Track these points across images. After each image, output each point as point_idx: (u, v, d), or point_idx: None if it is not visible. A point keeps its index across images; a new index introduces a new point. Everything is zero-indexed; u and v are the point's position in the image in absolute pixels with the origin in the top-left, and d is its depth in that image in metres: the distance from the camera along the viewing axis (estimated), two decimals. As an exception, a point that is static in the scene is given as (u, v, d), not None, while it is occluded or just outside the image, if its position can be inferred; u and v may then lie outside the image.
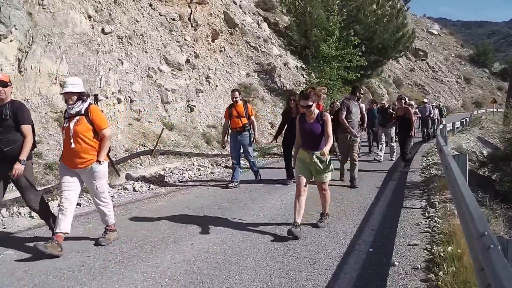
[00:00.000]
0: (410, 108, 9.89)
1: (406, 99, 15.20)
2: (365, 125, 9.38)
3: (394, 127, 11.43)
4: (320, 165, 4.83)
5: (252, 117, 7.85)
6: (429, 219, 5.42)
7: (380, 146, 11.90)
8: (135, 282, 3.51)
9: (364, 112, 10.98)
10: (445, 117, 24.24)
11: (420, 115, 14.79)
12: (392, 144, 11.78)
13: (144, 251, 4.29)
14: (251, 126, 7.82)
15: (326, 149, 4.78)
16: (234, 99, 7.72)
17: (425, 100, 20.08)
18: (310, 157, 4.83)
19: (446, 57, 60.06)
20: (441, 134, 9.83)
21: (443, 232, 4.63)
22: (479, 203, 5.28)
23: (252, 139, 7.88)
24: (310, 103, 4.76)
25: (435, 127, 17.68)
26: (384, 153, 11.72)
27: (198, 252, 4.23)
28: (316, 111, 4.90)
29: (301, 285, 3.44)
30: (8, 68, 8.01)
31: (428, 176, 8.92)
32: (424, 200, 6.59)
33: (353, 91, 8.24)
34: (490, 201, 7.02)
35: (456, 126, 22.60)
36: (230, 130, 7.87)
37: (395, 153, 11.65)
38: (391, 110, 11.75)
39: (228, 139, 7.96)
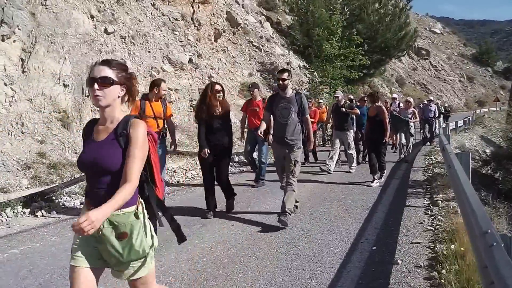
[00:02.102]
0: (383, 107, 8.14)
1: (396, 96, 13.81)
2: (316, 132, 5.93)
3: (353, 131, 9.39)
4: (115, 244, 2.03)
5: (172, 119, 6.01)
6: (432, 217, 5.42)
7: (331, 153, 9.20)
8: (139, 281, 3.53)
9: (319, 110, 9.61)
10: (449, 116, 23.60)
11: (418, 118, 12.79)
12: (350, 151, 9.21)
13: (147, 249, 4.30)
14: (168, 131, 5.86)
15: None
16: (163, 91, 5.63)
17: (431, 98, 17.64)
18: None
19: (448, 56, 59.89)
20: (443, 133, 9.81)
21: (446, 230, 4.64)
22: (482, 201, 5.28)
23: (171, 147, 6.13)
24: (109, 76, 1.93)
25: (433, 128, 16.23)
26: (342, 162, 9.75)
27: (201, 250, 4.24)
28: (119, 115, 2.01)
29: (305, 283, 3.45)
30: (11, 68, 8.05)
31: (431, 174, 8.91)
32: (427, 199, 6.59)
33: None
34: (493, 200, 7.04)
35: (459, 125, 22.50)
36: None
37: (354, 164, 9.27)
38: (344, 109, 9.06)
39: None
